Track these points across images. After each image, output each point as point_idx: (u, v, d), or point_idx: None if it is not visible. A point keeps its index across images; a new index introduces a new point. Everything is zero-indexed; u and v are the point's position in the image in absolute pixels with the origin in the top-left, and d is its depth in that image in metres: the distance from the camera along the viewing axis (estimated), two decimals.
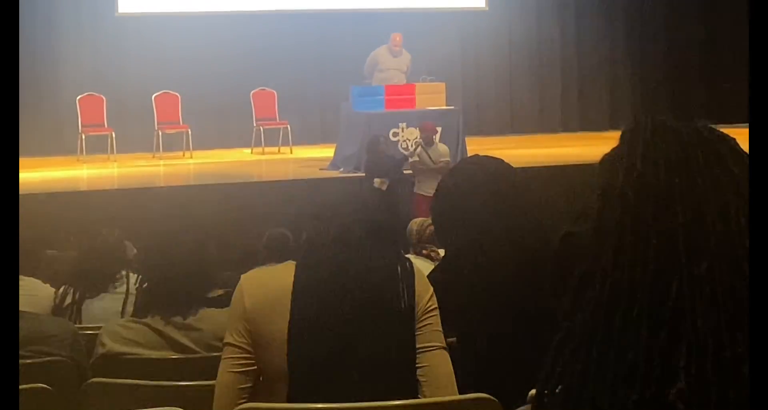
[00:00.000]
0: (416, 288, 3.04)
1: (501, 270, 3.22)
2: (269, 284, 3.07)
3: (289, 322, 2.97)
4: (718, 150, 1.46)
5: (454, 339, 3.24)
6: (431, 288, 3.09)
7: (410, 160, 13.58)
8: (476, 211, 3.29)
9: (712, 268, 1.38)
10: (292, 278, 3.03)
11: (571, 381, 1.41)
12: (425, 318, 3.05)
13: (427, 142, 13.61)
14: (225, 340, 3.13)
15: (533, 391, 1.48)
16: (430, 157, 13.38)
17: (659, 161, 1.43)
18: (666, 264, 1.38)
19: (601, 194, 1.44)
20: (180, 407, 3.12)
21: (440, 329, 3.07)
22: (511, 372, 2.77)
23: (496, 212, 3.26)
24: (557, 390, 1.42)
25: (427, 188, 13.12)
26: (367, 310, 2.98)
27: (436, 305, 3.07)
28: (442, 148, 13.69)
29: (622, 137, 1.50)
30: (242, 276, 3.14)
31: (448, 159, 13.48)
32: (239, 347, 3.07)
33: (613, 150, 1.49)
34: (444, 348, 3.07)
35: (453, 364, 3.09)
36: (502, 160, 3.55)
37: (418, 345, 3.02)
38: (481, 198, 3.30)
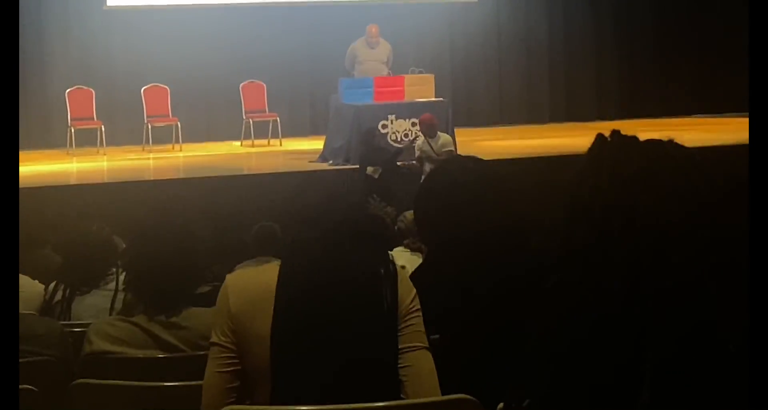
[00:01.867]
0: (399, 289, 3.06)
1: (481, 270, 3.24)
2: (254, 284, 3.09)
3: (272, 322, 2.99)
4: (683, 166, 1.48)
5: (437, 336, 3.26)
6: (414, 289, 3.11)
7: (416, 153, 13.57)
8: (457, 212, 3.31)
9: (677, 282, 1.40)
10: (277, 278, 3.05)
11: (539, 394, 1.43)
12: (408, 319, 3.07)
13: (429, 133, 13.59)
14: (211, 340, 3.15)
15: (501, 405, 1.50)
16: (432, 148, 13.37)
17: (625, 178, 1.45)
18: (631, 279, 1.40)
19: (569, 211, 1.46)
20: (166, 407, 3.14)
21: (423, 329, 3.09)
22: (492, 372, 2.79)
23: (476, 212, 3.28)
24: (525, 404, 1.44)
25: None
26: (350, 311, 3.00)
27: (419, 306, 3.10)
28: (445, 138, 13.68)
29: (588, 153, 1.51)
30: (227, 276, 3.16)
31: (451, 148, 13.53)
32: (225, 347, 3.09)
33: (581, 166, 1.50)
34: (426, 348, 3.09)
35: (435, 363, 3.12)
36: (483, 160, 3.57)
37: (400, 346, 3.05)
38: (461, 198, 3.32)
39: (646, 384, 1.36)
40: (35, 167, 14.58)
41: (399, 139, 14.76)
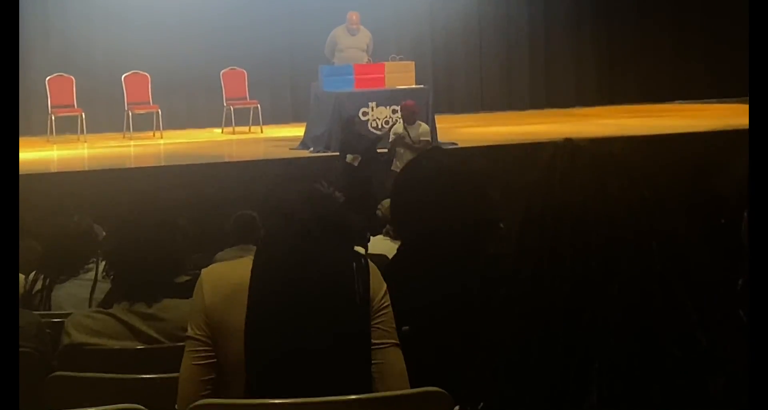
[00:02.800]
0: (371, 286, 3.10)
1: (448, 266, 3.27)
2: (229, 280, 3.11)
3: (246, 317, 3.02)
4: (632, 175, 1.52)
5: (407, 327, 3.29)
6: (384, 285, 3.15)
7: (391, 138, 13.56)
8: (431, 206, 3.34)
9: (624, 289, 1.44)
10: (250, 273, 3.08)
11: (492, 398, 1.48)
12: (379, 316, 3.11)
13: (408, 120, 13.56)
14: (187, 333, 3.19)
15: (457, 408, 1.55)
16: (410, 136, 13.37)
17: (576, 187, 1.49)
18: (581, 286, 1.44)
19: (521, 219, 1.50)
20: (143, 399, 3.17)
21: (393, 326, 3.14)
22: (462, 366, 2.82)
23: (448, 208, 3.31)
24: (479, 407, 1.49)
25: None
26: (323, 307, 3.03)
27: (389, 302, 3.14)
28: (423, 127, 13.65)
29: (541, 162, 1.55)
30: (203, 270, 3.19)
31: (428, 138, 13.49)
32: (200, 340, 3.13)
33: (533, 174, 1.54)
34: (397, 344, 3.14)
35: (406, 354, 3.16)
36: (459, 155, 3.59)
37: (372, 341, 3.09)
38: (434, 194, 3.35)
39: (593, 387, 1.41)
40: None
41: (379, 127, 14.78)
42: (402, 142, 13.32)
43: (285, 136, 16.28)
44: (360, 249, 3.75)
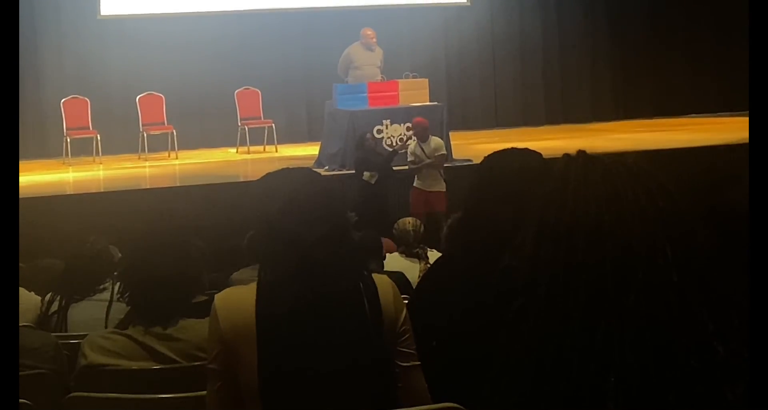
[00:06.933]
0: (392, 308, 3.07)
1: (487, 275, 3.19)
2: (242, 308, 3.03)
3: (257, 347, 2.98)
4: (646, 185, 1.51)
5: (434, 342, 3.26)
6: (405, 310, 3.12)
7: (408, 157, 13.54)
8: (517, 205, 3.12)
9: (639, 299, 1.44)
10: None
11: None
12: (401, 340, 3.09)
13: (421, 137, 13.55)
14: (207, 364, 3.15)
15: None
16: (424, 152, 13.35)
17: (590, 198, 1.48)
18: (596, 296, 1.44)
19: (536, 229, 1.50)
20: None
21: (414, 347, 3.11)
22: (477, 379, 2.79)
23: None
24: None
25: (425, 183, 13.18)
26: (334, 331, 2.99)
27: (410, 326, 3.11)
28: (437, 141, 13.61)
29: (555, 174, 1.55)
30: (216, 297, 3.11)
31: (443, 152, 13.49)
32: (219, 371, 3.08)
33: (547, 186, 1.54)
34: (418, 365, 3.12)
35: (435, 369, 3.14)
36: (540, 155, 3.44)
37: (398, 363, 3.08)
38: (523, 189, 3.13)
39: (610, 399, 1.40)
40: (31, 177, 14.60)
41: (394, 144, 14.79)
42: (419, 160, 13.31)
43: (300, 154, 16.31)
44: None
